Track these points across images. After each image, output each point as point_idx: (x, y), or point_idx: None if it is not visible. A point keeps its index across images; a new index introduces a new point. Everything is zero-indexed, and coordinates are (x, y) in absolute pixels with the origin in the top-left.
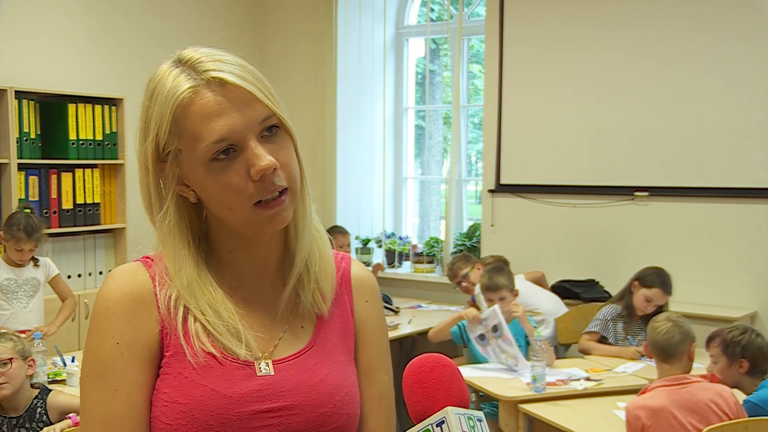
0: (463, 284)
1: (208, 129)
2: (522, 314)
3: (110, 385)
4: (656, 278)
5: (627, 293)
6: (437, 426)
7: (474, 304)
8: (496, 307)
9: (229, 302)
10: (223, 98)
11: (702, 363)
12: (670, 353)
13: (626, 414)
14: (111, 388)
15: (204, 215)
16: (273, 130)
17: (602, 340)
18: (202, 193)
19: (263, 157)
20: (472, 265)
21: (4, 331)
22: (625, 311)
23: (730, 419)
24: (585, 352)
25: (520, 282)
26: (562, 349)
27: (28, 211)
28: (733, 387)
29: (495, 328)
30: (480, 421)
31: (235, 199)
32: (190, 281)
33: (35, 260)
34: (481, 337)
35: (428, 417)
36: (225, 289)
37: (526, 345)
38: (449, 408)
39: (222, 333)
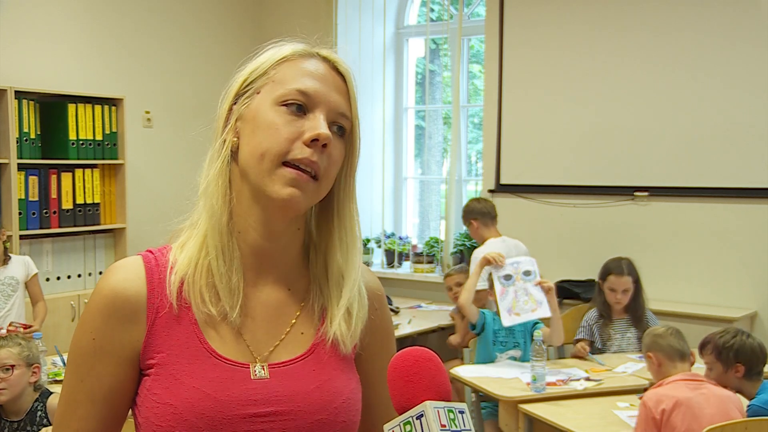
0: (454, 291)
1: (298, 80)
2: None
3: (79, 374)
4: (606, 268)
5: (598, 295)
6: (417, 419)
7: (458, 314)
8: (533, 259)
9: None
10: (325, 73)
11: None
12: (684, 352)
13: (643, 403)
14: (79, 378)
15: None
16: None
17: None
18: (248, 134)
19: (324, 126)
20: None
21: (14, 331)
22: (604, 312)
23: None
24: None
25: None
26: (561, 349)
27: None
28: (735, 392)
29: (528, 273)
30: (462, 413)
31: (273, 145)
32: (221, 227)
33: (7, 257)
34: (507, 277)
35: (409, 410)
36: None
37: (531, 341)
38: (428, 402)
39: (224, 281)
